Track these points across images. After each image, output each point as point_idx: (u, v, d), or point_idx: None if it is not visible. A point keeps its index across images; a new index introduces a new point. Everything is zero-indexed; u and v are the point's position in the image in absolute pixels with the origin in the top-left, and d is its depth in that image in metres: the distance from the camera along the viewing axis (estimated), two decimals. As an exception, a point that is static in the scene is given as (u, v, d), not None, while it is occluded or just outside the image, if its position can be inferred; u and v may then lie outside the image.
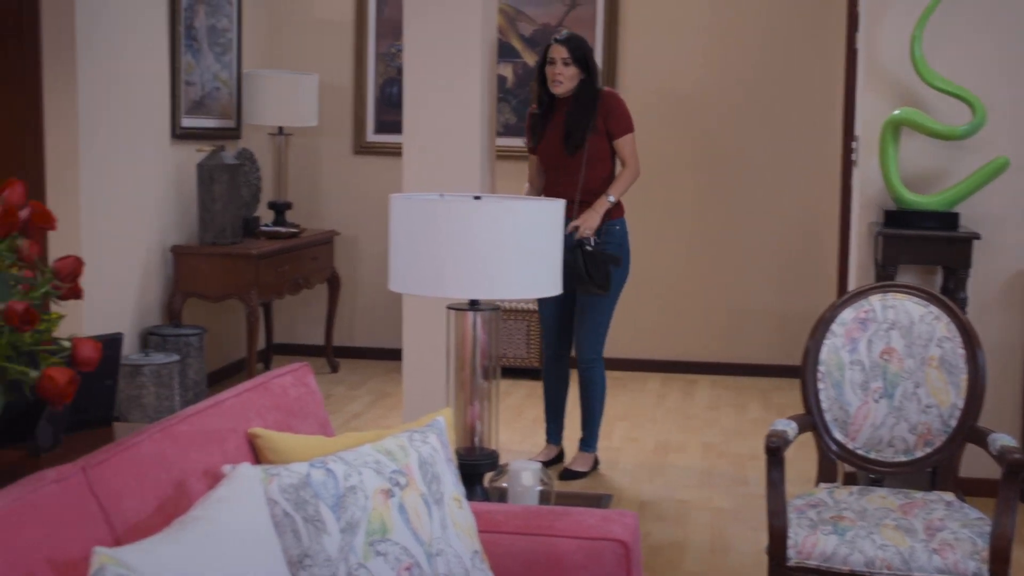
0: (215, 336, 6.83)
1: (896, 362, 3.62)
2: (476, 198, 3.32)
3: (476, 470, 3.30)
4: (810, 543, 3.24)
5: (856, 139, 5.44)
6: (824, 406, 3.65)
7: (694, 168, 7.49)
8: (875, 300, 3.68)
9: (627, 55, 7.49)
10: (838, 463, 3.69)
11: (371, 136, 7.74)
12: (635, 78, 7.49)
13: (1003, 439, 3.39)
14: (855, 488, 3.62)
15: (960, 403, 3.58)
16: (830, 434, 3.66)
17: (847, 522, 3.30)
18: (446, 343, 3.40)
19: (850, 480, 4.92)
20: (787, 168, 7.41)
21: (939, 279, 5.18)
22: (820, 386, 3.65)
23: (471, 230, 3.08)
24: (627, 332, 7.60)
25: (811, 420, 3.65)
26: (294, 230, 6.91)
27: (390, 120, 7.62)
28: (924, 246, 4.96)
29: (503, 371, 6.44)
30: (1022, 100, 5.08)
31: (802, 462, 5.23)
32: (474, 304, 3.32)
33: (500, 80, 7.27)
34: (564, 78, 5.24)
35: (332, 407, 6.49)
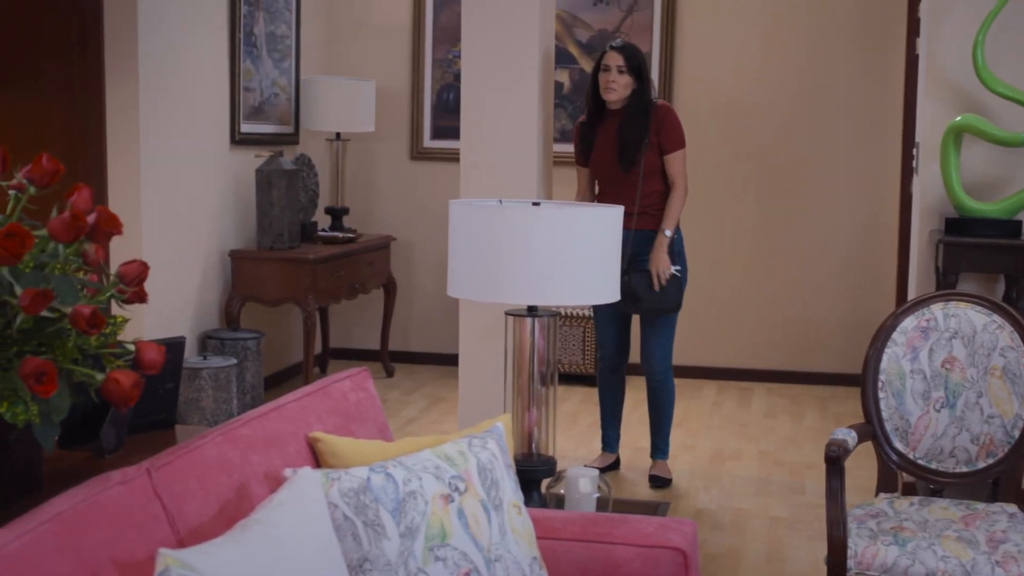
0: (272, 340, 6.88)
1: (958, 372, 3.58)
2: (535, 204, 3.32)
3: (533, 476, 3.30)
4: (870, 554, 3.20)
5: (917, 146, 5.39)
6: (884, 415, 3.62)
7: (751, 175, 7.45)
8: (937, 309, 3.64)
9: (684, 61, 7.46)
10: (898, 473, 3.65)
11: (427, 142, 7.77)
12: (691, 84, 7.46)
13: (1068, 450, 3.34)
14: (915, 499, 3.58)
15: (1024, 413, 3.53)
16: (890, 444, 3.62)
17: (908, 533, 3.26)
18: (504, 349, 3.40)
19: (909, 490, 4.87)
20: (846, 175, 7.35)
21: (1001, 287, 5.12)
22: (881, 395, 3.62)
23: (530, 236, 3.08)
24: (683, 339, 7.56)
25: (871, 429, 3.62)
26: (351, 235, 6.94)
27: (446, 126, 7.64)
28: (986, 254, 4.90)
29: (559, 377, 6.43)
30: (1087, 106, 5.01)
31: (861, 472, 5.18)
32: (532, 310, 3.32)
33: (556, 86, 7.26)
34: (618, 86, 5.17)
35: (387, 412, 6.51)
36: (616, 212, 3.23)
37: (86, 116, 5.54)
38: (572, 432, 6.15)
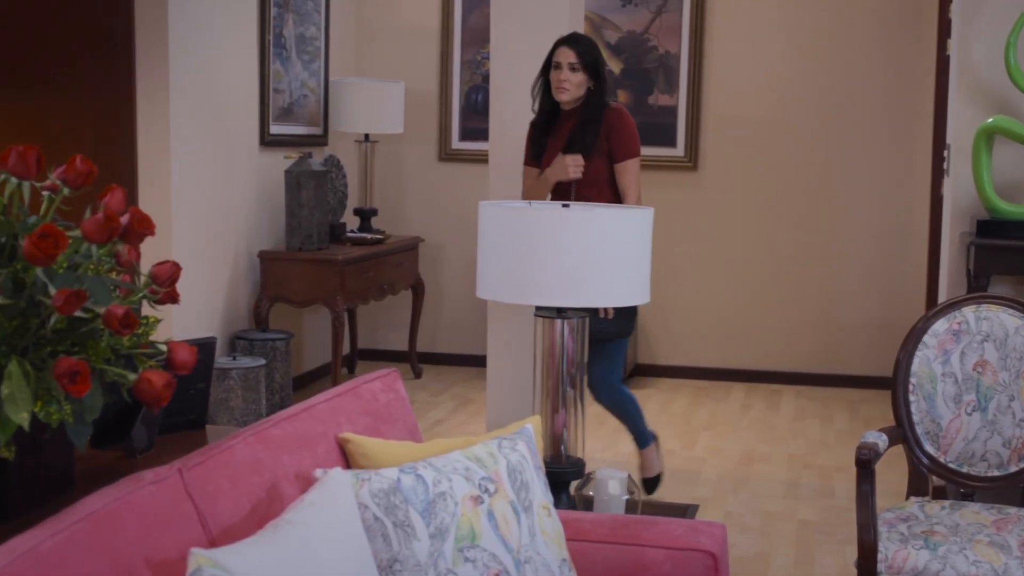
0: (300, 341, 6.90)
1: (990, 375, 3.56)
2: (564, 206, 3.32)
3: (562, 478, 3.30)
4: (901, 558, 3.18)
5: (948, 148, 5.35)
6: (915, 419, 3.59)
7: (780, 177, 7.42)
8: (968, 312, 3.62)
9: (712, 62, 7.44)
10: (929, 477, 3.63)
11: (456, 143, 7.78)
12: (720, 86, 7.44)
13: (1101, 455, 3.31)
14: (947, 502, 3.56)
15: (1056, 417, 3.50)
16: (921, 447, 3.60)
17: (939, 537, 3.24)
18: (533, 351, 3.40)
19: (940, 494, 4.83)
20: (875, 177, 7.31)
21: (1033, 290, 5.08)
22: (911, 398, 3.59)
23: (560, 238, 3.08)
24: (711, 341, 7.56)
25: (902, 433, 3.60)
26: (379, 236, 6.96)
27: (475, 127, 7.65)
28: (1018, 256, 4.86)
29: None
30: (1121, 108, 4.97)
31: (891, 475, 5.15)
32: (561, 312, 3.32)
33: (585, 88, 7.25)
34: (571, 85, 4.63)
35: (415, 413, 6.51)
36: (647, 213, 3.22)
37: (117, 117, 5.57)
38: (600, 434, 6.14)
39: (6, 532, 1.87)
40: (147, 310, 2.39)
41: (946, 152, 5.47)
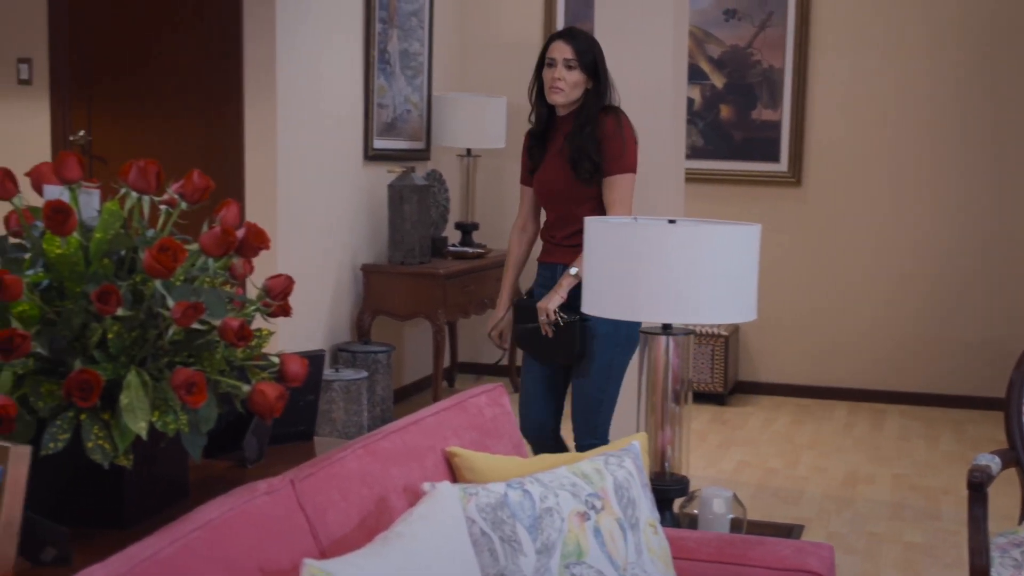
0: (401, 354, 6.95)
1: (1108, 397, 3.46)
2: (670, 222, 3.30)
3: (666, 495, 3.28)
4: (1014, 583, 3.11)
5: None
6: (1029, 441, 3.51)
7: (885, 193, 7.31)
8: (1085, 332, 3.52)
9: (817, 78, 7.36)
10: (1043, 501, 3.54)
11: (557, 158, 7.77)
12: (826, 100, 7.35)
13: None
14: (1062, 528, 3.47)
15: None
16: (1035, 470, 3.52)
17: (1054, 563, 3.16)
18: (638, 367, 3.39)
19: (1052, 519, 4.71)
20: (984, 190, 7.17)
21: None
22: (1025, 420, 3.51)
23: (666, 254, 3.06)
24: (813, 359, 7.46)
25: (1015, 455, 3.52)
26: (480, 251, 6.99)
27: (576, 142, 7.63)
28: None
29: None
30: None
31: (1003, 499, 5.03)
32: (667, 328, 3.30)
33: (688, 102, 7.22)
34: (566, 85, 4.08)
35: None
36: (754, 230, 3.19)
37: (225, 132, 5.68)
38: (701, 451, 6.09)
39: (124, 539, 1.92)
40: (259, 322, 2.43)
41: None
